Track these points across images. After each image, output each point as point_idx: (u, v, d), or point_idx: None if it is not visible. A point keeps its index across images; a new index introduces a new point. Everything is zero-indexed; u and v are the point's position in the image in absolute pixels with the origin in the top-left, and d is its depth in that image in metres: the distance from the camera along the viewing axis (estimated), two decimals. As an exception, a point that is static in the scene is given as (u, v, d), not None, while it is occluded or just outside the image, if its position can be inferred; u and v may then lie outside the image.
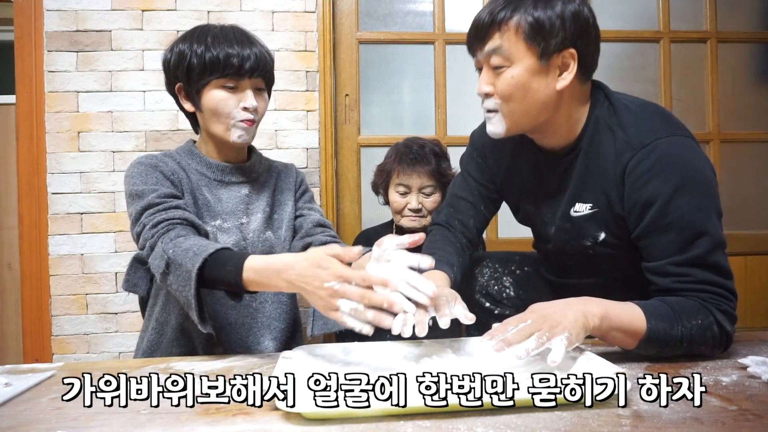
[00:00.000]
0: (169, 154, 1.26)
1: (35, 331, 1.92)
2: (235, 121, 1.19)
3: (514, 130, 1.05)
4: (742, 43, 2.26)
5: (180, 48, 1.18)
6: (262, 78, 1.22)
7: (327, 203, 2.00)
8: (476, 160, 1.27)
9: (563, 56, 0.98)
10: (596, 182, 1.04)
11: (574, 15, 0.96)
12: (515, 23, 0.96)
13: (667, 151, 0.95)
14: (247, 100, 1.18)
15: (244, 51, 1.17)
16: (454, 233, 1.25)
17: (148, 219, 1.08)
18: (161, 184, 1.14)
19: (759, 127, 2.21)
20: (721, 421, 0.67)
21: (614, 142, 1.01)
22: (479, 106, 1.07)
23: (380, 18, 2.15)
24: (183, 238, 1.03)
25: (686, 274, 0.93)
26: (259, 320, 1.24)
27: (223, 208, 1.24)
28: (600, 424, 0.67)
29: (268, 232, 1.28)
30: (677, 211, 0.93)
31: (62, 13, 1.91)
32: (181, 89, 1.23)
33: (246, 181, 1.29)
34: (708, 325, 0.90)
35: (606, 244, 1.06)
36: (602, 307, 0.87)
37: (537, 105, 1.00)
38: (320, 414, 0.70)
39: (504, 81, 0.99)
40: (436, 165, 1.54)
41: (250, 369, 0.95)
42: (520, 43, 0.97)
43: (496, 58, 0.98)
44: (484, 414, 0.70)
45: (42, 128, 1.91)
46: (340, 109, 2.08)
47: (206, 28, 1.21)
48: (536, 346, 0.80)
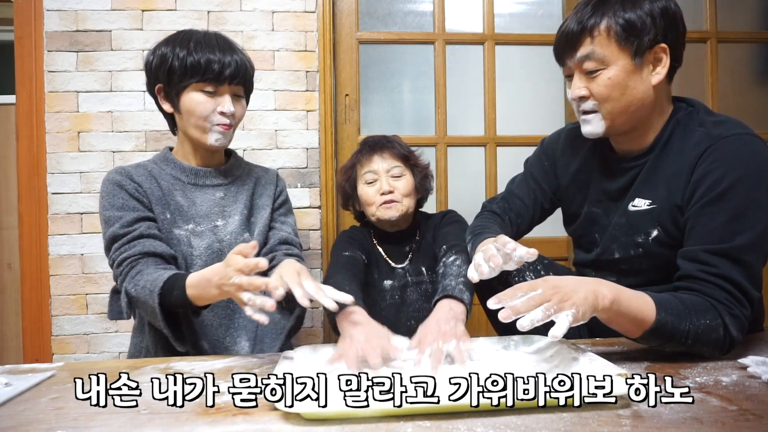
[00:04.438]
0: (143, 164, 1.29)
1: (35, 331, 1.92)
2: (212, 125, 1.22)
3: (612, 130, 1.07)
4: (742, 43, 2.26)
5: (163, 51, 1.22)
6: (241, 85, 1.26)
7: (327, 203, 2.00)
8: (543, 164, 1.29)
9: (655, 52, 1.01)
10: (661, 178, 1.04)
11: (663, 10, 1.00)
12: (605, 27, 1.00)
13: (745, 145, 0.97)
14: (225, 105, 1.22)
15: (225, 57, 1.20)
16: (505, 225, 1.26)
17: (115, 255, 1.15)
18: (126, 207, 1.18)
19: (759, 127, 2.20)
20: (721, 421, 0.67)
21: (692, 137, 1.02)
22: (479, 106, 1.07)
23: (380, 18, 2.15)
24: (140, 275, 1.10)
25: (714, 264, 0.93)
26: (235, 321, 1.27)
27: (197, 212, 1.26)
28: (600, 424, 0.67)
29: (246, 234, 1.30)
30: (735, 199, 0.94)
31: (62, 13, 1.91)
32: (161, 90, 1.25)
33: (222, 184, 1.31)
34: (715, 326, 0.90)
35: (657, 241, 1.06)
36: (614, 290, 0.87)
37: (635, 102, 1.03)
38: (320, 414, 0.70)
39: (601, 83, 1.02)
40: (399, 147, 1.47)
41: (250, 369, 0.95)
42: (612, 45, 1.00)
43: (590, 63, 1.02)
44: (484, 414, 0.70)
45: (42, 128, 1.91)
46: (340, 109, 2.08)
47: (189, 33, 1.24)
48: (542, 318, 0.79)
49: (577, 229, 1.24)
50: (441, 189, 2.10)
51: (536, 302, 0.81)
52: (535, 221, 1.32)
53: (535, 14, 2.21)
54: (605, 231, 1.15)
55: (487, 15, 2.13)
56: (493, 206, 1.31)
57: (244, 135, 1.97)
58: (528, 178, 1.31)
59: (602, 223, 1.16)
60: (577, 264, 1.28)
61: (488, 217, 1.28)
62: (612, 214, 1.14)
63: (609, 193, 1.15)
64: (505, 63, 2.15)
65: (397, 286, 1.50)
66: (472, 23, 2.16)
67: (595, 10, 1.01)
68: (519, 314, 0.80)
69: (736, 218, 0.94)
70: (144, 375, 0.92)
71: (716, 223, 0.95)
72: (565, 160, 1.25)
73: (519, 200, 1.29)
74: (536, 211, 1.30)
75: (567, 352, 0.90)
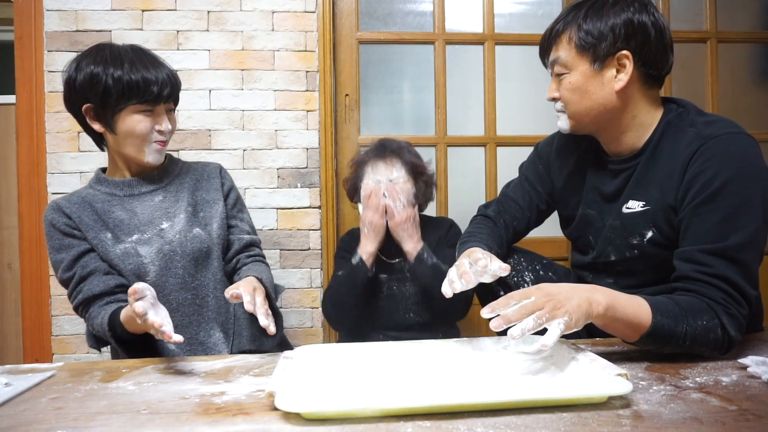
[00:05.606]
0: (77, 192, 1.30)
1: (35, 331, 1.92)
2: (149, 143, 1.24)
3: (579, 128, 1.12)
4: (742, 43, 2.26)
5: (91, 69, 1.18)
6: (172, 101, 1.27)
7: (327, 203, 2.00)
8: (538, 167, 1.31)
9: (618, 58, 1.03)
10: (654, 179, 1.05)
11: (626, 21, 1.02)
12: (567, 36, 1.07)
13: (736, 144, 0.98)
14: (163, 123, 1.25)
15: (160, 75, 1.21)
16: (499, 228, 1.27)
17: (70, 300, 1.22)
18: (62, 248, 1.22)
19: (759, 127, 2.21)
20: (721, 421, 0.67)
21: (684, 138, 1.03)
22: (479, 106, 1.08)
23: (380, 18, 2.15)
24: (91, 320, 1.18)
25: (709, 264, 0.93)
26: (204, 315, 1.28)
27: (139, 221, 1.26)
28: (600, 424, 0.67)
29: (196, 229, 1.29)
30: (728, 198, 0.94)
31: (62, 13, 1.91)
32: (90, 110, 1.23)
33: (159, 187, 1.31)
34: (713, 327, 0.90)
35: (652, 242, 1.06)
36: (609, 296, 0.87)
37: (596, 106, 1.07)
38: (320, 414, 0.70)
39: (564, 86, 1.09)
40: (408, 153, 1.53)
41: (250, 369, 0.95)
42: (573, 52, 1.06)
43: (558, 67, 1.09)
44: (484, 414, 0.70)
45: (42, 128, 1.91)
46: (340, 109, 2.08)
47: (114, 49, 1.22)
48: (534, 327, 0.80)
49: (573, 231, 1.25)
50: (441, 189, 2.10)
51: (528, 311, 0.82)
52: (532, 223, 1.33)
53: (535, 14, 2.21)
54: (600, 233, 1.16)
55: (487, 15, 2.13)
56: (488, 211, 1.32)
57: (244, 135, 1.97)
58: (523, 182, 1.32)
59: (596, 225, 1.17)
60: (575, 266, 1.28)
61: (479, 223, 1.29)
62: (606, 215, 1.15)
63: (603, 195, 1.16)
64: (505, 63, 2.15)
65: (394, 279, 1.56)
66: (472, 23, 2.16)
67: (561, 18, 1.08)
68: (510, 323, 0.81)
69: (730, 217, 0.94)
70: (144, 375, 0.92)
71: (710, 223, 0.95)
72: (560, 163, 1.26)
73: (514, 203, 1.30)
74: (532, 213, 1.30)
75: (567, 352, 0.90)
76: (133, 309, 0.90)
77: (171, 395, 0.81)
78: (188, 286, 1.26)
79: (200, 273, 1.28)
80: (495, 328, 0.81)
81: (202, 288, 1.28)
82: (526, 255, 1.31)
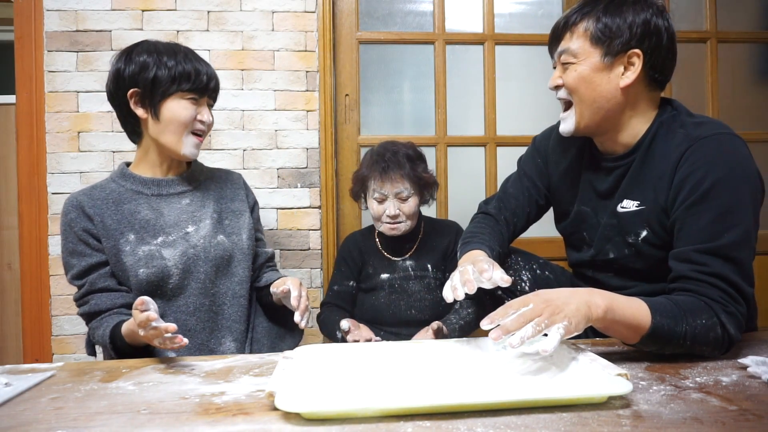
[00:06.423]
0: (100, 185, 1.29)
1: (35, 331, 1.92)
2: (188, 133, 1.26)
3: (582, 125, 1.12)
4: (742, 43, 2.26)
5: (144, 58, 1.22)
6: (213, 98, 1.32)
7: (327, 203, 2.00)
8: (536, 161, 1.32)
9: (629, 56, 1.05)
10: (648, 179, 1.07)
11: (644, 21, 1.04)
12: (584, 27, 1.08)
13: (724, 144, 0.99)
14: (205, 114, 1.28)
15: (209, 69, 1.28)
16: (500, 226, 1.28)
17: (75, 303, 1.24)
18: (75, 253, 1.22)
19: (759, 127, 2.21)
20: (721, 421, 0.67)
21: (674, 139, 1.04)
22: (479, 106, 1.09)
23: (380, 18, 2.15)
24: (93, 331, 1.20)
25: (705, 263, 0.94)
26: (219, 323, 1.28)
27: (165, 222, 1.26)
28: (600, 424, 0.67)
29: (220, 236, 1.30)
30: (718, 198, 0.95)
31: (62, 13, 1.91)
32: (136, 95, 1.24)
33: (187, 190, 1.32)
34: (712, 325, 0.90)
35: (646, 241, 1.07)
36: (607, 299, 0.88)
37: (600, 99, 1.08)
38: (320, 414, 0.70)
39: (571, 75, 1.09)
40: (410, 169, 1.53)
41: (250, 369, 0.95)
42: (586, 43, 1.07)
43: (566, 56, 1.10)
44: (484, 414, 0.70)
45: (42, 128, 1.91)
46: (340, 109, 2.08)
47: (164, 43, 1.27)
48: (533, 334, 0.80)
49: (567, 227, 1.26)
50: (441, 189, 2.10)
51: (527, 318, 0.82)
52: (531, 218, 1.33)
53: (535, 14, 2.21)
54: (594, 230, 1.17)
55: (487, 15, 2.13)
56: (489, 207, 1.33)
57: (244, 135, 1.97)
58: (522, 176, 1.33)
59: (591, 222, 1.18)
60: (574, 265, 1.28)
61: (481, 221, 1.29)
62: (600, 213, 1.16)
63: (597, 192, 1.17)
64: (505, 63, 2.15)
65: (398, 277, 1.59)
66: (472, 23, 2.16)
67: (579, 9, 1.09)
68: (509, 333, 0.81)
69: (722, 217, 0.95)
70: (144, 375, 0.92)
71: (703, 222, 0.96)
72: (556, 158, 1.27)
73: (514, 199, 1.31)
74: (532, 208, 1.31)
75: (567, 352, 0.90)
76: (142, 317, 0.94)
77: (171, 395, 0.81)
78: (208, 292, 1.27)
79: (220, 280, 1.29)
80: (494, 339, 0.82)
81: (221, 295, 1.29)
82: (523, 255, 1.32)
